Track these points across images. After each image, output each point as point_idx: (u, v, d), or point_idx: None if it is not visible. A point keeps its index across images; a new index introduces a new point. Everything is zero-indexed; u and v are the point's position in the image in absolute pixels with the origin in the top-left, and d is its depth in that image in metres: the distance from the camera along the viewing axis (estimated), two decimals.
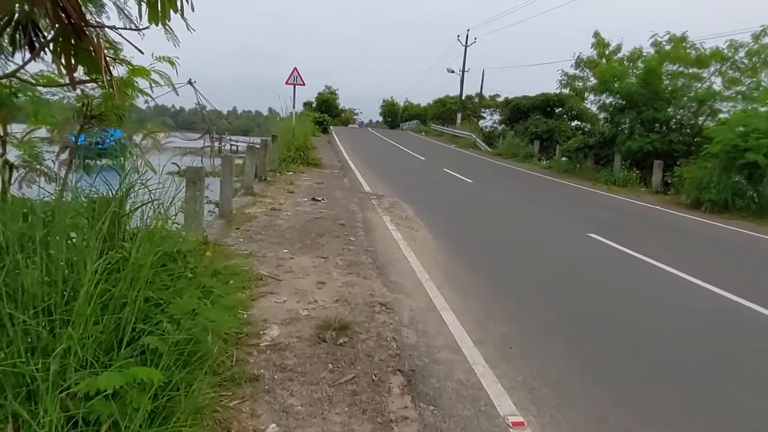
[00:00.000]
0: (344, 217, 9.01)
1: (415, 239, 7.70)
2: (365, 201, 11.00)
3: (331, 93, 60.46)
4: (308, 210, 9.51)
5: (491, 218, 10.37)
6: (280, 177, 14.18)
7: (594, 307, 5.39)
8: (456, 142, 37.01)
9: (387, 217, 9.24)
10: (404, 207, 10.52)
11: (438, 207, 11.25)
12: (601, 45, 23.43)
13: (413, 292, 5.32)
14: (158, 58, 4.46)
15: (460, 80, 43.04)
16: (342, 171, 16.66)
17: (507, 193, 14.45)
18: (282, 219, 8.56)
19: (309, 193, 11.58)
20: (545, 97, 29.58)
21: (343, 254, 6.58)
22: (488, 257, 7.18)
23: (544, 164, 24.93)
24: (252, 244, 6.77)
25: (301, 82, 16.90)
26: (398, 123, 69.04)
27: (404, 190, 13.21)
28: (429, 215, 9.82)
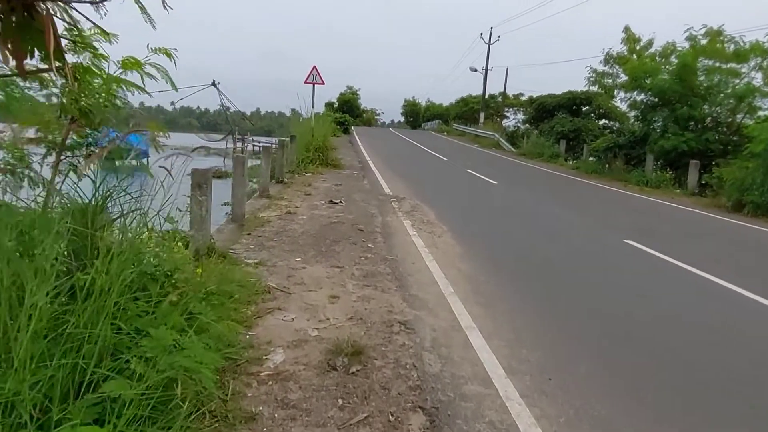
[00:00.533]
0: (362, 221, 8.53)
1: (437, 246, 7.16)
2: (385, 204, 10.51)
3: (352, 93, 60.28)
4: (325, 214, 9.06)
5: (518, 223, 9.76)
6: (298, 178, 13.78)
7: (643, 329, 4.79)
8: (479, 142, 36.27)
9: (408, 222, 8.72)
10: (426, 210, 9.99)
11: (461, 210, 10.69)
12: (632, 40, 22.51)
13: (436, 307, 4.80)
14: (154, 49, 4.05)
15: (483, 79, 42.25)
16: (362, 172, 16.20)
17: (534, 196, 13.79)
18: (297, 223, 8.12)
19: (327, 195, 11.13)
20: (572, 95, 28.69)
21: (359, 263, 6.09)
22: (518, 267, 6.59)
23: (570, 164, 24.09)
24: (263, 252, 6.34)
25: (321, 81, 16.50)
26: (420, 123, 68.45)
27: (426, 193, 12.67)
28: (452, 219, 9.27)
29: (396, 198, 11.28)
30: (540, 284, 5.90)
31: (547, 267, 6.64)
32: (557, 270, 6.55)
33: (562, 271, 6.52)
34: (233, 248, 6.40)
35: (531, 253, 7.32)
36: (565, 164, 24.48)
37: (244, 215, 7.93)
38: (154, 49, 4.05)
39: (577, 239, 8.58)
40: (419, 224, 8.60)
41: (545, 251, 7.48)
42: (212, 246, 5.90)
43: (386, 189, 12.69)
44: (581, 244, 8.25)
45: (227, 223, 7.80)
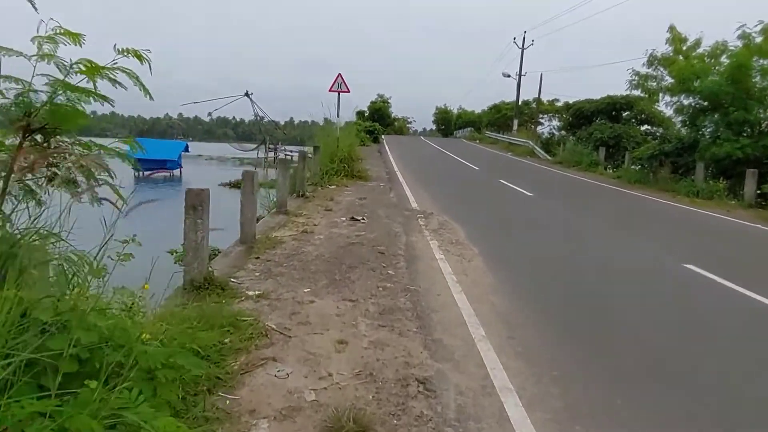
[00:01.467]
0: (385, 241, 7.75)
1: (467, 273, 6.31)
2: (411, 220, 9.70)
3: (383, 101, 59.88)
4: (344, 232, 8.32)
5: (558, 243, 8.77)
6: (321, 192, 13.13)
7: (739, 391, 3.83)
8: (512, 149, 35.07)
9: (434, 242, 7.89)
10: (455, 228, 9.13)
11: (494, 228, 9.78)
12: (678, 40, 21.06)
13: (463, 359, 3.95)
14: (122, 51, 3.40)
15: (517, 84, 41.05)
16: (389, 184, 15.45)
17: (574, 210, 12.72)
18: (312, 245, 7.40)
19: (349, 211, 10.41)
20: (611, 100, 27.31)
21: (376, 295, 5.31)
22: (562, 301, 5.66)
23: (611, 173, 22.74)
24: (268, 281, 5.63)
25: (346, 89, 15.87)
26: (451, 131, 67.48)
27: (456, 207, 11.80)
28: (484, 239, 8.39)
29: (423, 213, 10.46)
30: (590, 326, 4.96)
31: (598, 303, 5.67)
32: (610, 307, 5.58)
33: (619, 309, 5.55)
34: (236, 276, 5.72)
35: (575, 283, 6.37)
36: (606, 173, 23.14)
37: (254, 236, 7.27)
38: (122, 51, 3.41)
39: (628, 263, 7.55)
40: (447, 245, 7.75)
41: (592, 281, 6.50)
42: (209, 276, 5.23)
43: (413, 203, 11.88)
44: (634, 270, 7.23)
45: (235, 245, 7.15)
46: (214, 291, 5.05)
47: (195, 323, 3.95)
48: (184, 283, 5.10)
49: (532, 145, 32.90)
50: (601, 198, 15.56)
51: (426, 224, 9.34)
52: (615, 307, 5.53)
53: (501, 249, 7.91)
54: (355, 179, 15.68)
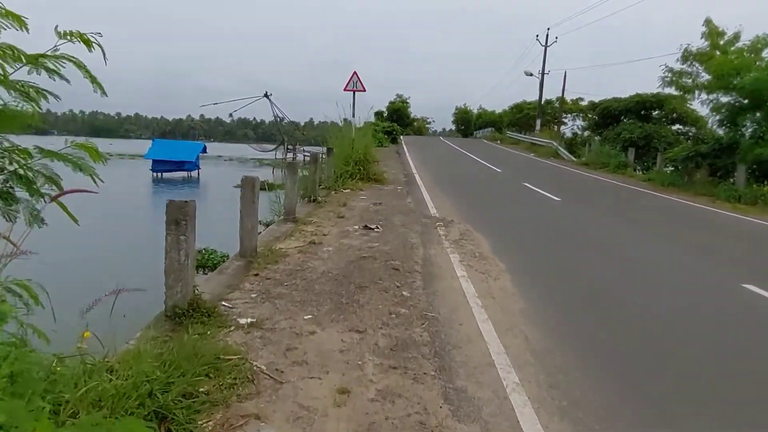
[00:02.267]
0: (400, 254, 6.98)
1: (493, 295, 5.50)
2: (429, 230, 8.91)
3: (402, 102, 59.19)
4: (356, 243, 7.57)
5: (595, 258, 7.85)
6: (335, 196, 12.42)
7: None
8: (535, 150, 33.97)
9: (455, 256, 7.08)
10: (478, 239, 8.31)
11: (521, 238, 8.92)
12: (714, 34, 19.83)
13: (494, 419, 3.16)
14: (65, 34, 2.71)
15: (540, 83, 39.84)
16: (406, 187, 14.67)
17: (607, 217, 11.76)
18: (319, 259, 6.66)
19: (362, 218, 9.66)
20: (640, 99, 26.06)
21: (388, 324, 4.54)
22: (609, 335, 4.77)
23: (641, 176, 21.60)
24: (265, 304, 4.90)
25: (362, 88, 15.15)
26: (471, 131, 66.41)
27: (478, 214, 10.97)
28: (510, 252, 7.56)
29: (443, 221, 9.65)
30: (648, 370, 4.12)
31: (650, 335, 4.80)
32: (669, 339, 4.72)
33: (678, 341, 4.68)
34: (229, 298, 5.01)
35: (620, 309, 5.48)
36: (635, 175, 22.01)
37: (255, 249, 6.56)
38: (64, 34, 2.72)
39: (678, 281, 6.64)
40: (470, 259, 6.94)
41: (641, 307, 5.58)
42: (196, 300, 4.52)
43: (432, 209, 11.08)
44: (686, 291, 6.31)
45: (234, 258, 6.45)
46: (199, 319, 4.34)
47: (165, 367, 3.24)
48: (166, 309, 4.41)
49: (555, 145, 31.78)
50: (635, 203, 14.52)
51: (446, 234, 8.54)
52: (671, 338, 4.66)
53: (530, 264, 7.06)
54: (370, 182, 14.94)
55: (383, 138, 34.36)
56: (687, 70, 20.02)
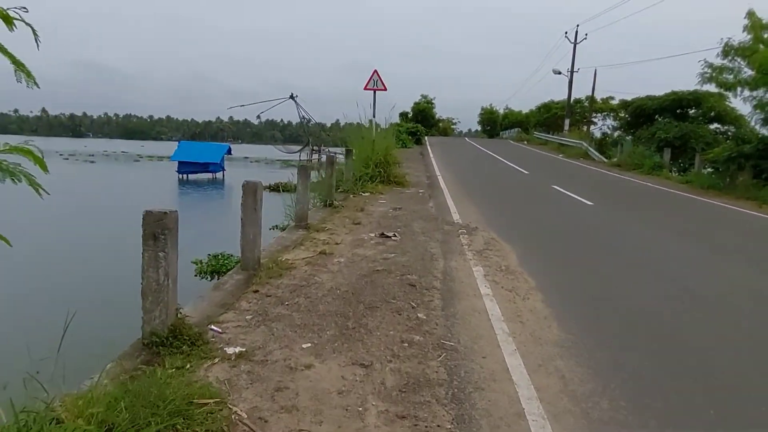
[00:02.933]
0: (417, 267, 6.32)
1: (522, 320, 4.78)
2: (451, 238, 8.21)
3: (427, 102, 58.43)
4: (370, 254, 6.94)
5: (639, 274, 6.97)
6: (353, 200, 11.82)
7: None
8: (564, 151, 32.82)
9: (479, 269, 6.38)
10: (504, 249, 7.58)
11: (552, 249, 8.14)
12: (758, 27, 18.56)
13: None
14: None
15: (569, 82, 38.55)
16: (429, 191, 13.98)
17: (647, 224, 10.84)
18: (328, 272, 6.05)
19: (380, 224, 9.03)
20: (676, 96, 24.77)
21: (398, 356, 3.89)
22: (668, 377, 4.01)
23: (678, 178, 20.39)
24: (260, 329, 4.31)
25: (383, 87, 14.54)
26: (497, 132, 65.17)
27: (504, 220, 10.23)
28: (541, 265, 6.82)
29: (466, 228, 8.94)
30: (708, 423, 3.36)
31: (722, 389, 4.03)
32: (739, 388, 3.95)
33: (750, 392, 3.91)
34: (220, 321, 4.43)
35: (680, 348, 4.69)
36: (672, 177, 20.82)
37: (258, 261, 5.98)
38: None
39: (742, 310, 5.78)
40: (495, 273, 6.23)
41: (709, 350, 4.75)
42: (178, 325, 3.95)
43: (455, 215, 10.37)
44: (753, 316, 5.49)
45: (235, 272, 5.89)
46: (180, 348, 3.77)
47: (121, 416, 2.67)
48: (143, 335, 3.85)
49: (585, 146, 30.60)
50: (675, 208, 13.50)
51: (469, 243, 7.83)
52: (746, 391, 3.88)
53: (564, 281, 6.30)
54: (391, 185, 14.29)
55: (407, 139, 33.71)
56: (728, 65, 18.79)
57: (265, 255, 6.60)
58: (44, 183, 2.52)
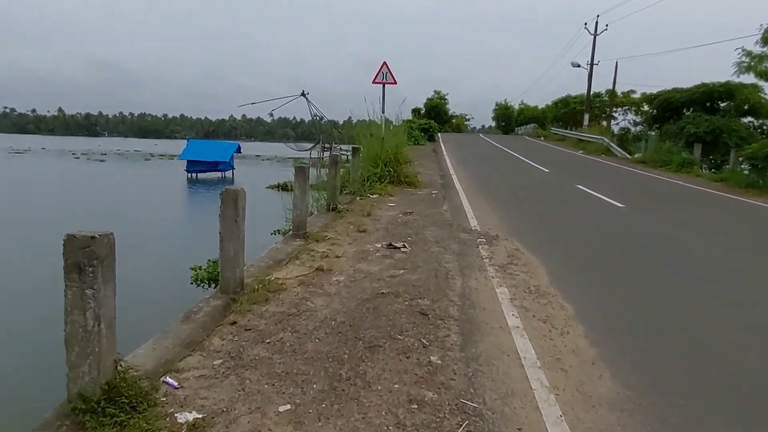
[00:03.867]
0: (430, 288, 5.33)
1: (564, 365, 3.77)
2: (469, 248, 7.20)
3: (440, 98, 57.26)
4: (376, 270, 5.96)
5: (698, 295, 5.94)
6: (359, 203, 10.85)
7: None
8: (583, 147, 31.47)
9: (503, 290, 5.37)
10: (531, 262, 6.55)
11: (586, 262, 7.06)
12: None
13: None
14: None
15: (588, 75, 37.10)
16: (442, 191, 12.96)
17: (690, 230, 9.69)
18: (324, 295, 5.09)
19: (388, 232, 8.05)
20: (707, 89, 23.30)
21: (404, 425, 2.91)
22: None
23: (710, 175, 19.07)
24: (227, 381, 3.36)
25: (392, 80, 13.54)
26: (512, 128, 63.70)
27: (527, 226, 9.19)
28: (576, 284, 5.79)
29: (485, 237, 7.92)
30: None
31: None
32: None
33: None
34: (180, 369, 3.49)
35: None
36: (703, 174, 19.50)
37: (240, 282, 5.04)
38: None
39: None
40: (524, 296, 5.22)
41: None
42: (117, 382, 3.02)
43: (472, 220, 9.35)
44: None
45: (212, 297, 4.95)
46: (115, 415, 2.84)
47: None
48: (69, 397, 2.93)
49: (607, 141, 29.22)
50: (718, 211, 12.27)
51: (490, 255, 6.81)
52: None
53: (609, 307, 5.24)
54: (402, 186, 13.29)
55: (420, 136, 32.65)
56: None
57: (252, 272, 5.67)
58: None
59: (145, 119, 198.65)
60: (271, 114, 68.05)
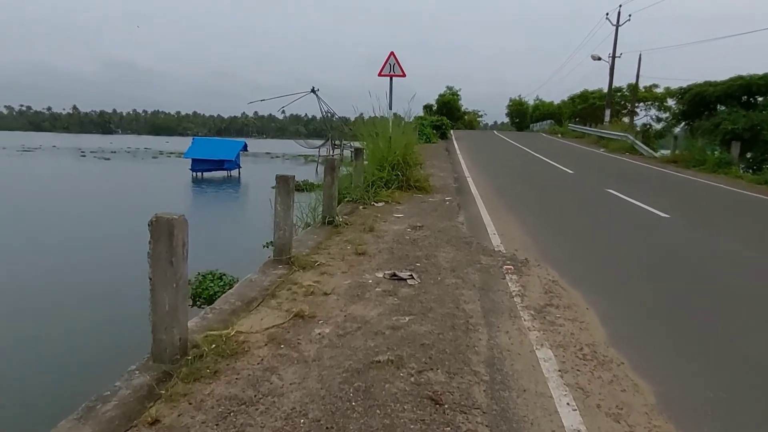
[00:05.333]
0: (445, 350, 3.87)
1: None
2: (494, 281, 5.71)
3: (452, 94, 55.71)
4: (372, 317, 4.52)
5: None
6: (362, 213, 9.40)
7: None
8: (604, 145, 29.72)
9: (547, 353, 3.90)
10: (576, 302, 5.06)
11: (650, 302, 5.50)
12: None
13: None
14: None
15: (610, 68, 35.21)
16: (457, 198, 11.47)
17: (754, 248, 8.13)
18: (297, 361, 3.66)
19: (393, 254, 6.60)
20: (744, 81, 21.44)
21: None
22: None
23: (753, 177, 17.31)
24: None
25: (400, 72, 12.05)
26: (527, 124, 61.86)
27: (560, 244, 7.68)
28: (645, 342, 4.29)
29: (512, 261, 6.43)
30: None
31: None
32: None
33: None
34: None
35: None
36: (744, 176, 17.74)
37: (182, 346, 3.62)
38: None
39: None
40: (577, 367, 3.73)
41: None
42: None
43: (494, 236, 7.86)
44: None
45: (141, 368, 3.53)
46: None
47: None
48: None
49: (631, 139, 27.44)
50: None
51: (521, 291, 5.33)
52: None
53: (708, 389, 3.73)
54: (411, 191, 11.82)
55: (431, 133, 31.10)
56: None
57: (209, 321, 4.26)
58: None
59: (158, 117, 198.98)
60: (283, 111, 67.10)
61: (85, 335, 9.09)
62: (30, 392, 7.12)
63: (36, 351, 8.50)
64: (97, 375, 5.28)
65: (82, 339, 8.91)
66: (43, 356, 8.35)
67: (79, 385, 6.34)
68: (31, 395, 7.02)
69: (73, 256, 14.16)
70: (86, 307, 10.42)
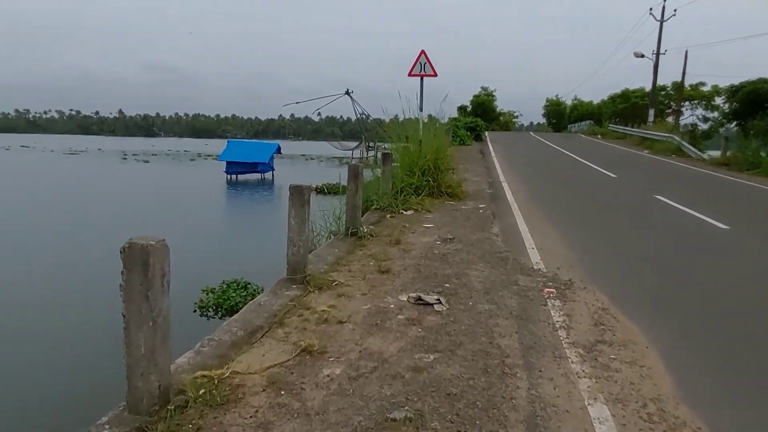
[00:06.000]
0: (476, 404, 3.20)
1: None
2: (534, 307, 4.99)
3: (487, 95, 54.65)
4: (392, 352, 3.89)
5: None
6: (389, 223, 8.78)
7: None
8: (649, 146, 28.19)
9: (602, 410, 3.17)
10: (633, 338, 4.29)
11: (722, 338, 4.68)
12: None
13: None
14: None
15: (654, 65, 33.49)
16: (491, 206, 10.71)
17: None
18: (298, 414, 3.06)
19: (419, 272, 5.95)
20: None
21: None
22: None
23: None
24: None
25: (432, 72, 11.38)
26: (565, 125, 60.02)
27: (608, 260, 6.87)
28: (724, 397, 3.51)
29: (554, 282, 5.69)
30: None
31: None
32: None
33: None
34: None
35: None
36: None
37: (163, 395, 3.07)
38: None
39: None
40: (641, 431, 3.01)
41: None
42: None
43: (532, 251, 7.10)
44: None
45: (112, 421, 3.00)
46: None
47: None
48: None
49: (678, 140, 25.91)
50: None
51: (566, 322, 4.59)
52: None
53: None
54: (442, 198, 11.12)
55: (465, 135, 30.22)
56: None
57: (204, 357, 3.72)
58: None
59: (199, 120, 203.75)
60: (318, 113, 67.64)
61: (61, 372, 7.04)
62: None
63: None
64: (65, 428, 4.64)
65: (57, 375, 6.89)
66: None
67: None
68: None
69: (86, 267, 13.04)
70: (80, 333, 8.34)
